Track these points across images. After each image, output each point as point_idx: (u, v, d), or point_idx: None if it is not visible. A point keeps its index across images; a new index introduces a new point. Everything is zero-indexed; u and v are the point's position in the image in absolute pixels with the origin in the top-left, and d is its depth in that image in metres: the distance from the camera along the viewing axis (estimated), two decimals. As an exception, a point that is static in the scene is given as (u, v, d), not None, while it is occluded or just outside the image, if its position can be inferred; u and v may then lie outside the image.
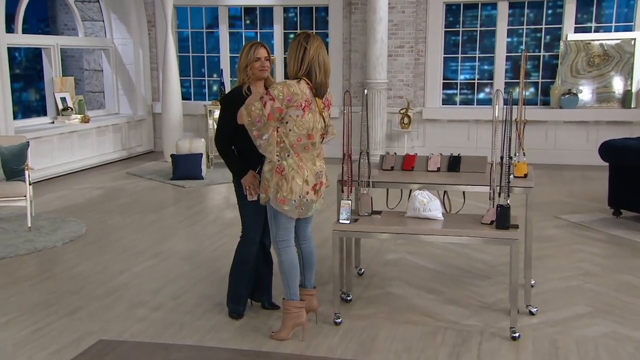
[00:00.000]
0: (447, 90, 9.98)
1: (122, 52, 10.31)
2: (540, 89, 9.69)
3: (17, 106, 12.10)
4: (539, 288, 4.35)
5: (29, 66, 13.31)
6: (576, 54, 9.24)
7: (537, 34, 9.65)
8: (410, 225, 3.76)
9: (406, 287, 4.43)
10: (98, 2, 10.11)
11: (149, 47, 10.50)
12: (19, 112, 11.99)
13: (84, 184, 8.09)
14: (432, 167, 4.30)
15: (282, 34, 10.26)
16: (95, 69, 10.76)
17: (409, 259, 5.04)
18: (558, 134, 9.39)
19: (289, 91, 3.31)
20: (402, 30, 9.56)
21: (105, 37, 10.24)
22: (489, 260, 4.95)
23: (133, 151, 10.19)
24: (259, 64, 3.60)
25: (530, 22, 9.61)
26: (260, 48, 3.62)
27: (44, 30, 12.25)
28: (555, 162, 9.28)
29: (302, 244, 3.71)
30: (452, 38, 9.89)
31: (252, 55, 3.59)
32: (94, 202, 7.11)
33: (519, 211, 4.11)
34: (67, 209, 6.71)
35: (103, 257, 5.12)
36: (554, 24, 9.51)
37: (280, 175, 3.39)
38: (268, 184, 3.42)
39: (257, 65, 3.60)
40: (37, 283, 4.53)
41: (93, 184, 8.15)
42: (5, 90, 7.63)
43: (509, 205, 3.55)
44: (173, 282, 4.53)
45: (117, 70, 10.34)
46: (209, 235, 5.75)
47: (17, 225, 5.93)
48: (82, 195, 7.46)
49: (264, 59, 3.61)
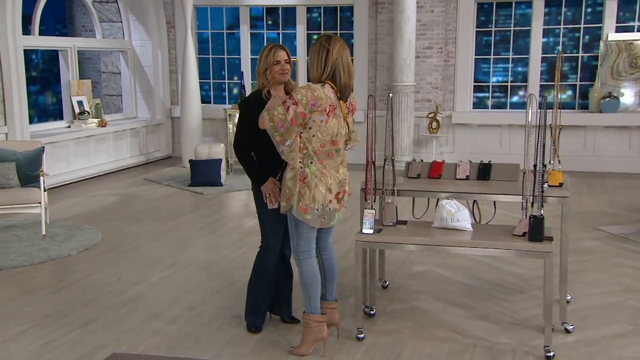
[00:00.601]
0: (478, 93, 9.91)
1: (141, 54, 10.45)
2: (578, 92, 9.56)
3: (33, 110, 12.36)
4: (576, 304, 4.28)
5: (45, 69, 13.58)
6: (617, 54, 9.11)
7: (575, 33, 9.54)
8: (437, 237, 3.74)
9: (433, 301, 4.40)
10: (116, 3, 10.27)
11: (167, 49, 10.62)
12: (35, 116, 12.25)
13: (100, 190, 8.21)
14: (460, 174, 4.27)
15: (305, 34, 10.30)
16: (112, 71, 10.92)
17: (436, 271, 5.00)
18: (597, 139, 9.25)
19: (313, 95, 3.32)
20: (430, 30, 9.53)
21: (124, 38, 10.40)
22: (522, 273, 4.89)
23: (151, 156, 10.31)
24: (278, 67, 3.60)
25: (568, 21, 9.50)
26: (280, 50, 3.62)
27: (61, 32, 12.49)
28: (594, 170, 9.14)
29: (323, 254, 3.70)
30: (484, 38, 9.82)
31: (272, 58, 3.59)
32: (110, 209, 7.20)
33: (553, 222, 4.06)
34: (82, 216, 6.81)
35: (118, 267, 5.18)
36: (593, 23, 9.39)
37: (303, 182, 3.39)
38: (290, 191, 3.42)
39: (277, 68, 3.60)
40: (50, 293, 4.60)
41: (109, 190, 8.26)
42: (22, 94, 7.78)
43: (543, 216, 3.51)
44: (189, 294, 4.56)
45: (135, 72, 10.49)
46: (227, 245, 5.78)
47: (31, 233, 6.04)
48: (98, 202, 7.57)
49: (284, 61, 3.62)
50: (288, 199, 3.44)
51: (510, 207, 4.55)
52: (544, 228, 3.54)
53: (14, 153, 6.19)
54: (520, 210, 3.71)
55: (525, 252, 3.54)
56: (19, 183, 6.08)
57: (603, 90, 9.19)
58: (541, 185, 3.60)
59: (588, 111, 9.34)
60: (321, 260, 3.70)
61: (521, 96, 9.86)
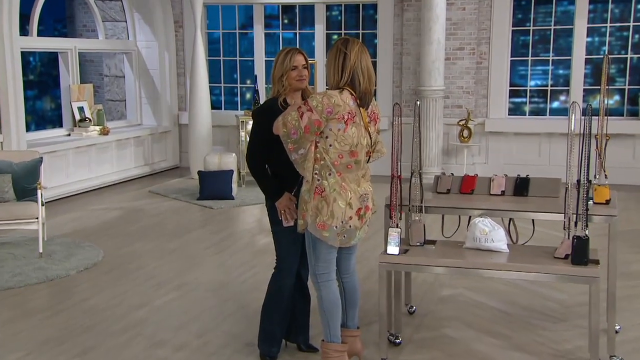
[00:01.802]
0: (514, 98, 9.86)
1: (146, 56, 10.57)
2: (626, 97, 9.47)
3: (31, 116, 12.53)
4: (625, 335, 4.21)
5: (44, 72, 13.78)
6: (669, 55, 9.01)
7: (623, 32, 9.46)
8: (470, 258, 3.71)
9: (464, 329, 4.36)
10: (120, 1, 10.40)
11: (175, 51, 10.73)
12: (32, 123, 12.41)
13: (102, 204, 8.28)
14: (495, 190, 4.24)
15: (325, 35, 10.35)
16: (116, 75, 11.05)
17: (468, 295, 4.96)
18: None
19: (329, 102, 3.32)
20: (462, 29, 9.51)
21: (128, 39, 10.52)
22: (564, 299, 4.83)
23: (156, 167, 10.39)
24: (295, 73, 3.61)
25: (615, 19, 9.43)
26: (297, 55, 3.63)
27: (61, 32, 12.68)
28: (645, 183, 9.02)
29: (344, 277, 3.69)
30: (521, 38, 9.78)
31: (289, 63, 3.60)
32: (112, 225, 7.25)
33: (600, 243, 4.01)
34: (82, 232, 6.86)
35: (120, 289, 5.20)
36: (643, 21, 9.31)
37: (320, 196, 3.39)
38: (306, 206, 3.42)
39: (293, 74, 3.61)
40: (48, 317, 4.63)
41: (111, 203, 8.33)
42: (18, 100, 7.89)
43: (588, 237, 3.48)
44: (197, 319, 4.57)
45: (140, 76, 10.60)
46: (238, 265, 5.79)
47: (27, 251, 6.09)
48: (99, 217, 7.63)
49: (301, 67, 3.62)
50: (304, 215, 3.43)
51: (550, 226, 4.50)
52: (589, 250, 3.50)
53: (10, 164, 6.27)
54: (562, 230, 3.67)
55: (568, 277, 3.51)
56: (14, 197, 6.15)
57: (654, 95, 9.09)
58: (586, 203, 3.57)
59: (638, 118, 9.23)
60: (342, 283, 3.68)
61: (562, 102, 9.80)
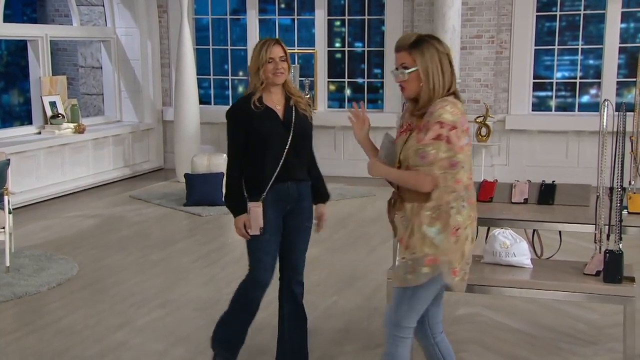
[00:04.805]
0: (538, 92, 9.87)
1: (126, 44, 10.57)
2: (664, 90, 9.47)
3: (-3, 112, 12.52)
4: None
5: (11, 62, 13.78)
6: None
7: (660, 18, 9.48)
8: (489, 275, 3.72)
9: (484, 352, 4.36)
10: (97, -17, 10.42)
11: (159, 39, 10.74)
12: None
13: (77, 211, 8.27)
14: (517, 197, 4.25)
15: (326, 21, 10.35)
16: (92, 65, 11.06)
17: (487, 315, 4.96)
18: None
19: (460, 112, 3.05)
20: (479, 15, 9.51)
21: (106, 26, 10.53)
22: (595, 320, 4.83)
23: (138, 169, 10.39)
24: (272, 66, 3.67)
25: (652, 3, 9.44)
26: (274, 46, 3.69)
27: (31, 18, 12.70)
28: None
29: (437, 337, 3.36)
30: (547, 25, 9.79)
31: (264, 55, 3.66)
32: (88, 235, 7.25)
33: (635, 257, 4.01)
34: (54, 243, 6.86)
35: (97, 307, 5.19)
36: (682, 5, 9.33)
37: (456, 236, 3.06)
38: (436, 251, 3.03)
39: (270, 67, 3.67)
40: (15, 340, 4.62)
41: (87, 210, 8.33)
42: (-17, 94, 7.90)
43: (622, 251, 3.48)
44: (183, 341, 4.56)
45: (119, 67, 10.60)
46: (229, 280, 5.78)
47: (-8, 264, 6.09)
48: (74, 226, 7.62)
49: (278, 59, 3.68)
50: (433, 260, 3.04)
51: (580, 238, 4.49)
52: (623, 265, 3.50)
53: (-27, 167, 6.26)
54: (593, 243, 3.67)
55: (600, 296, 3.51)
56: (-22, 203, 6.14)
57: (695, 89, 9.09)
58: (619, 212, 3.56)
59: (676, 114, 9.24)
60: (435, 345, 3.35)
61: (593, 96, 9.79)
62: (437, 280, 3.08)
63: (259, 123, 3.68)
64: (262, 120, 3.68)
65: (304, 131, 3.79)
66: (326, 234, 7.23)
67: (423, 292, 3.12)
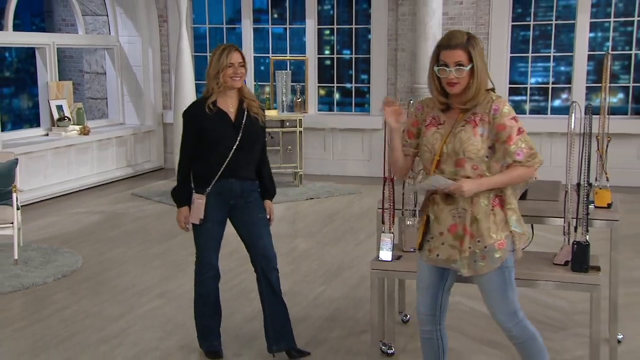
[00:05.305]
0: (514, 96, 9.88)
1: (129, 51, 10.54)
2: (631, 94, 9.50)
3: (7, 115, 12.48)
4: (628, 344, 4.22)
5: (20, 68, 13.72)
6: (675, 52, 9.05)
7: (627, 27, 9.50)
8: (466, 265, 3.70)
9: (461, 338, 4.36)
10: (101, -6, 10.38)
11: (159, 46, 10.71)
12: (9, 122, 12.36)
13: (81, 208, 8.25)
14: (493, 193, 4.23)
15: (316, 29, 10.34)
16: (97, 71, 11.01)
17: (466, 303, 4.96)
18: None
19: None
20: (459, 24, 9.51)
21: (110, 34, 10.49)
22: (564, 307, 4.84)
23: (140, 168, 10.36)
24: (231, 70, 3.73)
25: (619, 14, 9.46)
26: (233, 52, 3.75)
27: (39, 27, 12.63)
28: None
29: (443, 324, 3.36)
30: (521, 33, 9.81)
31: (225, 60, 3.71)
32: (92, 230, 7.22)
33: (601, 248, 4.01)
34: (60, 238, 6.84)
35: (100, 297, 5.18)
36: (647, 15, 9.35)
37: (517, 215, 3.12)
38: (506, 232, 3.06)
39: (229, 72, 3.72)
40: (22, 328, 4.61)
41: (92, 207, 8.30)
42: (-7, 98, 7.86)
43: (588, 242, 3.49)
44: (181, 328, 4.56)
45: (122, 73, 10.57)
46: (225, 271, 5.70)
47: (1, 258, 6.06)
48: (79, 221, 7.60)
49: (237, 65, 3.73)
50: (503, 244, 3.04)
51: (549, 231, 4.50)
52: (590, 256, 3.50)
53: (-17, 166, 6.23)
54: (562, 235, 3.67)
55: (568, 284, 3.52)
56: (-12, 200, 6.12)
57: (659, 93, 9.13)
58: (586, 207, 3.57)
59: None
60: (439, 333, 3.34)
61: (564, 100, 9.83)
62: (512, 259, 3.08)
63: (211, 124, 3.77)
64: (214, 122, 3.77)
65: (253, 133, 3.86)
66: (316, 229, 7.25)
67: (513, 272, 3.11)
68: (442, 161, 3.04)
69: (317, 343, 4.32)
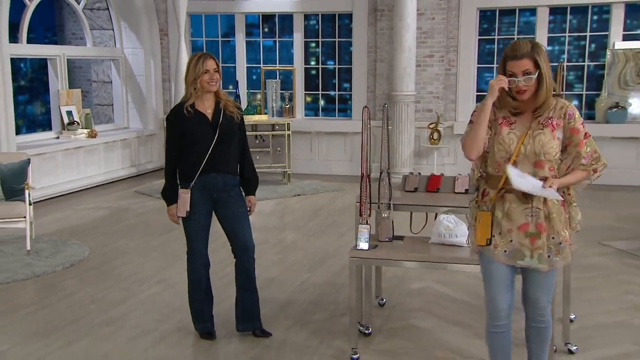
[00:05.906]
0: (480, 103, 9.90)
1: (133, 62, 10.48)
2: (584, 101, 9.57)
3: (22, 120, 12.38)
4: (580, 323, 4.25)
5: (34, 77, 13.62)
6: (624, 63, 9.12)
7: (580, 42, 9.56)
8: (435, 253, 3.72)
9: (432, 319, 4.37)
10: (107, 10, 10.31)
11: (160, 58, 10.65)
12: (24, 127, 12.27)
13: (89, 204, 8.19)
14: (459, 188, 4.26)
15: (303, 42, 10.32)
16: (103, 80, 10.95)
17: (436, 288, 4.98)
18: (604, 151, 9.00)
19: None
20: (431, 38, 9.55)
21: (115, 46, 10.43)
22: (524, 291, 4.85)
23: (143, 168, 10.30)
24: (207, 76, 3.76)
25: (574, 29, 9.52)
26: (208, 60, 3.77)
27: (51, 40, 12.54)
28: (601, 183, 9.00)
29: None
30: (487, 46, 9.85)
31: (201, 67, 3.75)
32: (98, 223, 7.18)
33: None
34: (69, 231, 6.79)
35: (104, 284, 5.15)
36: (599, 31, 9.41)
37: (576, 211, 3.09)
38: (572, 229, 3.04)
39: (206, 77, 3.76)
40: (34, 311, 4.57)
41: (98, 203, 8.25)
42: (8, 105, 7.77)
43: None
44: (178, 312, 4.54)
45: (126, 81, 10.51)
46: (219, 261, 5.71)
47: (15, 249, 6.01)
48: (86, 216, 7.55)
49: (212, 71, 3.76)
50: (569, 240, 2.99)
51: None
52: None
53: (-1, 166, 6.18)
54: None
55: (526, 270, 3.50)
56: (3, 197, 6.07)
57: (610, 101, 9.18)
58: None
59: (594, 122, 9.32)
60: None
61: (525, 106, 9.85)
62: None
63: (191, 125, 3.80)
64: (193, 123, 3.80)
65: (229, 130, 3.88)
66: (302, 222, 7.24)
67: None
68: (519, 161, 2.92)
69: (302, 324, 4.31)
